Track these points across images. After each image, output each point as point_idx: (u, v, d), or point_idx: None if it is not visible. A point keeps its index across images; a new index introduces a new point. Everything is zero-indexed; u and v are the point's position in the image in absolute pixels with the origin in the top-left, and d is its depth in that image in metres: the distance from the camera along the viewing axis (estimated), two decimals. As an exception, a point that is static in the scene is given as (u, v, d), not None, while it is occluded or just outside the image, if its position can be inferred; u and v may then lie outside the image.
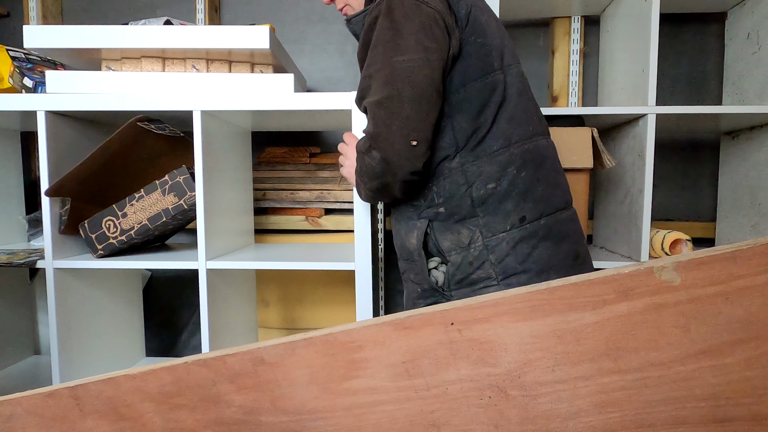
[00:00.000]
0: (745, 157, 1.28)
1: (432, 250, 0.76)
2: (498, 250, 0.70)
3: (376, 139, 0.69)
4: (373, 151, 0.70)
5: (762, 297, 0.36)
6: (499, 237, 0.70)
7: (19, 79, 1.10)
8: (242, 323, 1.31)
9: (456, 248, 0.73)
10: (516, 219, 0.70)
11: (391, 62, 0.68)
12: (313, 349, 0.44)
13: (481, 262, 0.71)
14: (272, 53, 1.03)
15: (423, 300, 0.79)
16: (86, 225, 1.08)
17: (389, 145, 0.69)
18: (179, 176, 1.05)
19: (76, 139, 1.15)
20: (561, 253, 0.71)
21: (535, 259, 0.70)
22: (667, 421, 0.41)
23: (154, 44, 1.00)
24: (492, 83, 0.72)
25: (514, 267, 0.70)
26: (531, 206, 0.71)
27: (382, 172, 0.71)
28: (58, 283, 1.08)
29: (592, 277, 0.38)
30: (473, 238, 0.71)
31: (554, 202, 0.73)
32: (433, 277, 0.76)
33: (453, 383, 0.43)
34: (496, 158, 0.71)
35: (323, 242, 1.41)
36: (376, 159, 0.70)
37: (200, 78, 1.03)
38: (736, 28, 1.32)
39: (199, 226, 1.03)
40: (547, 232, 0.71)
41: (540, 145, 0.74)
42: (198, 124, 1.01)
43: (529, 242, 0.70)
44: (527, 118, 0.74)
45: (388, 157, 0.69)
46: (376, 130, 0.70)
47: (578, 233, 0.76)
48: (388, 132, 0.69)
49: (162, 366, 0.47)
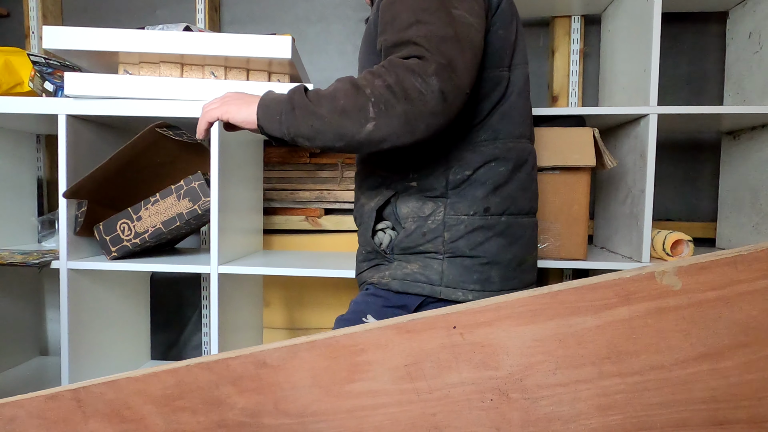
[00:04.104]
0: (746, 157, 1.28)
1: (387, 215, 0.75)
2: (454, 230, 0.70)
3: (445, 68, 0.58)
4: (433, 78, 0.58)
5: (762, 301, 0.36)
6: (460, 218, 0.70)
7: (40, 83, 1.11)
8: (249, 324, 1.32)
9: (414, 216, 0.72)
10: (481, 208, 0.70)
11: (451, 11, 0.61)
12: (316, 352, 0.44)
13: (434, 237, 0.70)
14: (291, 63, 1.03)
15: (367, 262, 0.78)
16: (101, 227, 1.10)
17: (456, 80, 0.59)
18: (194, 182, 1.06)
19: (94, 142, 1.17)
20: (509, 254, 0.71)
21: (484, 250, 0.70)
22: (667, 423, 0.41)
23: (174, 50, 1.00)
24: (496, 78, 0.71)
25: (462, 250, 0.70)
26: (498, 201, 0.71)
27: (430, 107, 0.58)
28: (71, 284, 1.10)
29: (594, 281, 0.38)
30: (435, 211, 0.71)
31: (520, 205, 0.73)
32: (378, 239, 0.76)
33: (455, 386, 0.43)
34: (479, 148, 0.71)
35: (323, 242, 1.42)
36: (432, 87, 0.58)
37: (219, 85, 1.04)
38: (737, 27, 1.32)
39: (213, 231, 1.05)
40: (504, 230, 0.71)
41: (524, 148, 0.74)
42: (215, 132, 1.02)
43: (484, 233, 0.70)
44: (520, 119, 0.74)
45: (447, 93, 0.59)
46: (445, 59, 0.58)
47: (532, 242, 0.76)
48: (461, 66, 0.59)
49: (164, 368, 0.47)
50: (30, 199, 1.45)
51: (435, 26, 0.60)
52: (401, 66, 0.59)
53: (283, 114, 0.64)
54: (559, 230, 1.09)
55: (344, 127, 0.61)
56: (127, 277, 1.34)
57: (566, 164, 1.06)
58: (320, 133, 0.62)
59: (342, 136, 0.61)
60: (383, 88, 0.59)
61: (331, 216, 1.42)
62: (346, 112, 0.60)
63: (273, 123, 0.65)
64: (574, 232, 1.09)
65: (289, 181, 1.41)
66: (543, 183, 1.08)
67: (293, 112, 0.64)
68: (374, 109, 0.59)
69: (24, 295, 1.47)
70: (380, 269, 0.75)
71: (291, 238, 1.43)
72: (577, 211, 1.09)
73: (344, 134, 0.61)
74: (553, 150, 1.06)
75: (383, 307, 0.72)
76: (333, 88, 0.63)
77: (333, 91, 0.63)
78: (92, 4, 1.55)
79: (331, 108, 0.61)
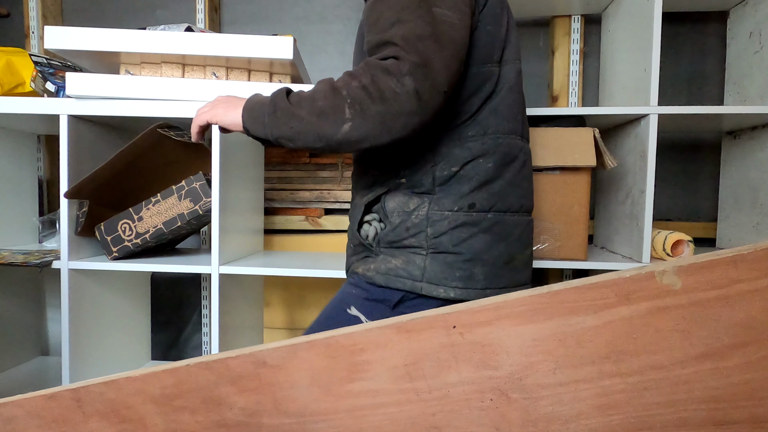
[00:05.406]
0: (746, 156, 1.28)
1: (376, 210, 0.75)
2: (438, 225, 0.70)
3: (420, 67, 0.59)
4: (407, 78, 0.59)
5: (762, 301, 0.36)
6: (444, 214, 0.70)
7: (41, 83, 1.11)
8: (249, 324, 1.32)
9: (399, 210, 0.72)
10: (465, 204, 0.70)
11: (431, 10, 0.62)
12: (315, 351, 0.44)
13: (418, 231, 0.70)
14: (293, 63, 1.03)
15: (355, 256, 0.78)
16: (102, 227, 1.10)
17: (431, 79, 0.59)
18: (196, 182, 1.06)
19: (95, 142, 1.17)
20: (495, 251, 0.71)
21: (467, 246, 0.69)
22: (667, 423, 0.41)
23: (176, 50, 1.00)
24: (485, 74, 0.71)
25: (445, 246, 0.70)
26: (485, 197, 0.70)
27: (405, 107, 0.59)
28: (72, 284, 1.10)
29: (593, 281, 0.38)
30: (419, 206, 0.71)
31: (509, 202, 0.72)
32: (363, 231, 0.76)
33: (454, 386, 0.43)
34: (467, 144, 0.71)
35: (323, 242, 1.42)
36: (406, 87, 0.59)
37: (221, 85, 1.03)
38: (737, 27, 1.32)
39: (214, 232, 1.05)
40: (489, 227, 0.70)
41: (513, 144, 0.73)
42: (216, 133, 1.02)
43: (468, 229, 0.70)
44: (510, 114, 0.73)
45: (422, 92, 0.59)
46: (420, 59, 0.59)
47: (523, 241, 0.75)
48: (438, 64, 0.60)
49: (164, 368, 0.47)
50: (31, 199, 1.45)
51: (413, 24, 0.61)
52: (377, 66, 0.60)
53: (265, 116, 0.67)
54: (559, 230, 1.09)
55: (322, 128, 0.62)
56: (127, 277, 1.34)
57: (566, 164, 1.06)
58: (300, 134, 0.64)
59: (321, 137, 0.63)
60: (359, 89, 0.61)
61: (331, 216, 1.42)
62: (324, 113, 0.62)
63: (257, 125, 0.68)
64: (574, 232, 1.09)
65: (289, 181, 1.41)
66: (543, 183, 1.08)
67: (275, 114, 0.66)
68: (350, 110, 0.61)
69: (25, 295, 1.47)
70: (367, 261, 0.75)
71: (291, 238, 1.43)
72: (577, 211, 1.09)
73: (323, 135, 0.63)
74: (553, 150, 1.06)
75: (365, 300, 0.72)
76: (313, 90, 0.65)
77: (312, 93, 0.65)
78: (92, 4, 1.55)
79: (310, 110, 0.63)
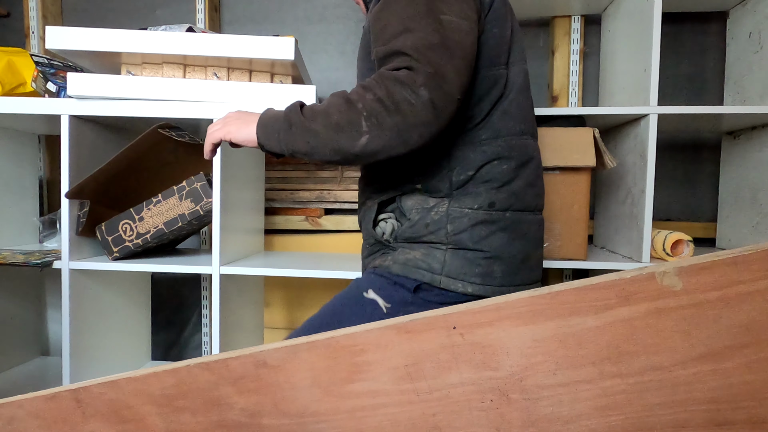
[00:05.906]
0: (746, 156, 1.28)
1: (391, 209, 0.76)
2: (458, 222, 0.70)
3: (433, 77, 0.59)
4: (422, 89, 0.59)
5: (763, 302, 0.36)
6: (464, 211, 0.70)
7: (42, 83, 1.11)
8: (249, 324, 1.32)
9: (418, 208, 0.72)
10: (485, 202, 0.71)
11: (439, 17, 0.62)
12: (316, 352, 0.44)
13: (437, 228, 0.71)
14: (294, 64, 1.03)
15: (371, 257, 0.78)
16: (103, 227, 1.10)
17: (445, 88, 0.60)
18: (197, 183, 1.06)
19: (96, 142, 1.17)
20: (513, 249, 0.71)
21: (488, 244, 0.70)
22: (667, 424, 0.41)
23: (177, 50, 1.00)
24: (494, 77, 0.71)
25: (465, 243, 0.70)
26: (504, 197, 0.71)
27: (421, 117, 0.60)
28: (72, 284, 1.10)
29: (594, 281, 0.38)
30: (438, 204, 0.71)
31: (526, 201, 0.73)
32: (380, 228, 0.76)
33: (455, 386, 0.43)
34: (481, 147, 0.71)
35: (323, 242, 1.42)
36: (422, 98, 0.59)
37: (222, 86, 1.03)
38: (737, 27, 1.32)
39: (215, 232, 1.05)
40: (508, 225, 0.71)
41: (528, 145, 0.74)
42: None
43: (488, 227, 0.70)
44: (521, 115, 0.74)
45: (437, 102, 0.60)
46: (433, 68, 0.60)
47: (537, 239, 0.76)
48: (450, 73, 0.60)
49: (164, 368, 0.47)
50: (32, 199, 1.45)
51: (422, 33, 0.61)
52: (391, 78, 0.61)
53: (281, 132, 0.67)
54: (559, 230, 1.09)
55: (339, 142, 0.63)
56: (128, 277, 1.35)
57: (566, 164, 1.06)
58: (317, 149, 0.65)
59: (337, 150, 0.63)
60: (374, 101, 0.61)
61: (331, 216, 1.42)
62: (340, 127, 0.62)
63: (272, 141, 0.68)
64: (574, 232, 1.09)
65: (289, 181, 1.41)
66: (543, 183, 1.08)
67: (290, 129, 0.66)
68: (366, 123, 0.61)
69: (25, 295, 1.47)
70: (385, 256, 0.75)
71: (291, 239, 1.43)
72: (577, 211, 1.09)
73: (339, 149, 0.63)
74: (553, 150, 1.06)
75: (385, 282, 0.72)
76: (327, 104, 0.65)
77: (327, 107, 0.65)
78: (92, 4, 1.55)
79: (326, 124, 0.63)
